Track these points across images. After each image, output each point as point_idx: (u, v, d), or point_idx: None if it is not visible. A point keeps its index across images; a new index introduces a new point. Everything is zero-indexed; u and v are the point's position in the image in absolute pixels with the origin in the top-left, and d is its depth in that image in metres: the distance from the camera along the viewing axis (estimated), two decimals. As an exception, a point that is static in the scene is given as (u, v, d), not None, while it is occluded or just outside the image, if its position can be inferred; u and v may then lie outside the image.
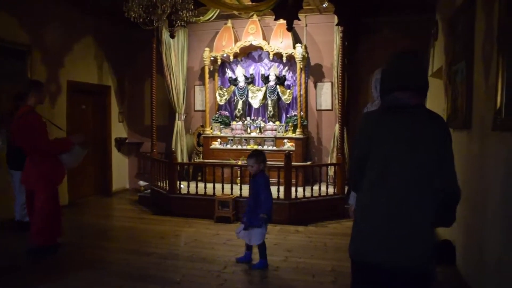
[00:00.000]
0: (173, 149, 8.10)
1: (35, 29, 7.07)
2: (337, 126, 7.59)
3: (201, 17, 7.59)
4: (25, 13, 6.83)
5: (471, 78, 4.00)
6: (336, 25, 7.31)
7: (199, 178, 8.10)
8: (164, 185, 7.45)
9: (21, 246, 5.23)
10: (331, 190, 7.09)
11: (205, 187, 7.00)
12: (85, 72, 8.41)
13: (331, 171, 7.66)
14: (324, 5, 7.67)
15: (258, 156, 4.75)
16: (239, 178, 7.32)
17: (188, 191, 7.11)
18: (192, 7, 5.44)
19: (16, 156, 5.69)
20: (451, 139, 2.06)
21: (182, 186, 7.29)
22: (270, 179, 6.81)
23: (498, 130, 3.04)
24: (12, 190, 6.03)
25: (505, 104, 2.91)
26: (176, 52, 8.50)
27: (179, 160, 8.38)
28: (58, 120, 6.79)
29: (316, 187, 6.90)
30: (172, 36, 7.75)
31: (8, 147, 5.96)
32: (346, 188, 7.42)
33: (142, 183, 9.00)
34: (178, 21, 5.78)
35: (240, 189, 6.79)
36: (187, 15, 5.46)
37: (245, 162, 7.54)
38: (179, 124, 8.68)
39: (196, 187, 7.08)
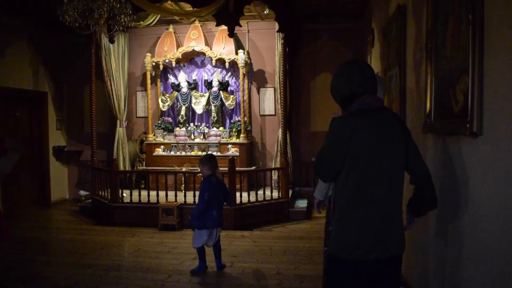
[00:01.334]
0: (114, 157, 7.90)
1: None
2: (280, 131, 7.70)
3: (141, 22, 7.45)
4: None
5: (404, 83, 4.19)
6: (277, 31, 7.42)
7: (143, 185, 7.91)
8: (106, 194, 7.22)
9: None
10: (275, 194, 7.16)
11: (149, 195, 6.86)
12: (19, 77, 7.99)
13: (275, 175, 7.74)
14: (265, 12, 7.77)
15: (205, 160, 4.75)
16: (183, 185, 7.23)
17: (131, 200, 6.94)
18: (131, 12, 5.31)
19: None
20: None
21: (124, 194, 7.10)
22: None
23: (428, 132, 3.20)
24: None
25: (434, 108, 3.07)
26: (116, 57, 8.29)
27: (121, 168, 8.17)
28: (-11, 129, 6.43)
29: (260, 192, 6.96)
30: (111, 41, 7.55)
31: None
32: (291, 192, 7.54)
33: (82, 192, 8.68)
34: (117, 26, 5.63)
35: (185, 196, 6.71)
36: (126, 20, 5.32)
37: (189, 168, 7.51)
38: (120, 131, 8.46)
39: (139, 195, 6.92)
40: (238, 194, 6.68)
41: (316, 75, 8.52)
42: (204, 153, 7.91)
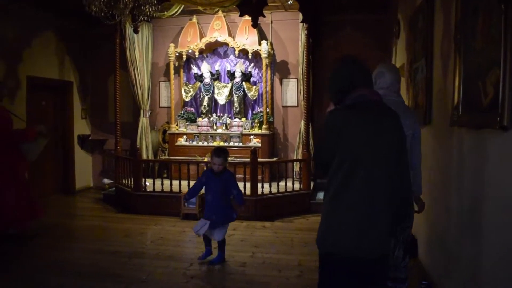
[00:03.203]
0: (137, 146, 7.98)
1: (-9, 22, 6.80)
2: (302, 123, 7.66)
3: (165, 12, 7.49)
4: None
5: (430, 75, 4.11)
6: (301, 22, 7.36)
7: (165, 175, 8.00)
8: (129, 182, 7.33)
9: None
10: (297, 186, 7.16)
11: (171, 184, 6.93)
12: (45, 67, 8.15)
13: (297, 167, 7.73)
14: (289, 2, 7.72)
15: (226, 153, 4.80)
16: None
17: (154, 189, 7.02)
18: (156, 2, 5.34)
19: None
20: None
21: (147, 183, 7.19)
22: (237, 175, 6.87)
23: (455, 125, 3.14)
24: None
25: (462, 101, 3.01)
26: (140, 47, 8.37)
27: (144, 157, 8.26)
28: (17, 117, 6.58)
29: (282, 183, 6.95)
30: (135, 31, 7.61)
31: None
32: (312, 184, 7.52)
33: (106, 181, 8.82)
34: (141, 16, 5.68)
35: (207, 186, 6.75)
36: (150, 10, 5.37)
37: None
38: (144, 121, 8.56)
39: (162, 184, 7.00)
40: (260, 184, 6.69)
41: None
42: (226, 144, 7.97)
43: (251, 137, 8.05)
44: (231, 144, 8.01)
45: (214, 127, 8.35)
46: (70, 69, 8.88)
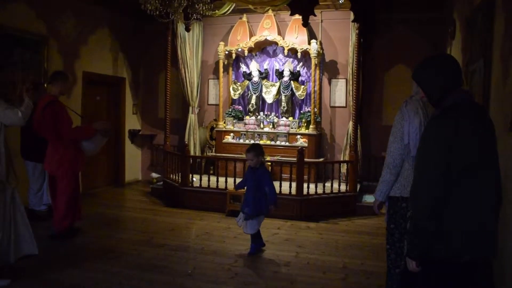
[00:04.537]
0: (186, 142, 8.13)
1: (51, 20, 7.14)
2: (350, 124, 7.56)
3: (216, 11, 7.58)
4: (42, 4, 6.89)
5: (488, 78, 3.95)
6: (352, 21, 7.25)
7: (211, 171, 8.12)
8: (177, 177, 7.49)
9: (34, 234, 5.36)
10: (343, 187, 7.06)
11: (217, 181, 7.02)
12: (100, 63, 8.47)
13: (343, 168, 7.62)
14: (340, 1, 7.61)
15: (256, 148, 4.90)
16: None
17: (200, 184, 7.13)
18: (209, 1, 5.43)
19: (29, 147, 5.82)
20: None
21: (194, 179, 7.32)
22: (283, 175, 6.87)
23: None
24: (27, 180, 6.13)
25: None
26: (190, 45, 8.52)
27: (192, 153, 8.40)
28: (73, 110, 6.88)
29: (328, 184, 6.88)
30: (187, 29, 7.76)
31: (22, 138, 6.01)
32: (359, 186, 7.41)
33: (154, 175, 9.05)
34: (194, 15, 5.78)
35: (252, 184, 6.79)
36: (203, 8, 5.46)
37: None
38: (192, 118, 8.71)
39: (208, 180, 7.10)
40: (305, 185, 6.66)
41: (390, 67, 8.25)
42: (272, 142, 7.99)
43: (298, 136, 8.02)
44: (278, 143, 8.01)
45: (261, 126, 8.38)
46: (123, 66, 9.18)
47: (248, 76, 8.65)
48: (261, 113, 8.57)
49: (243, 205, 4.96)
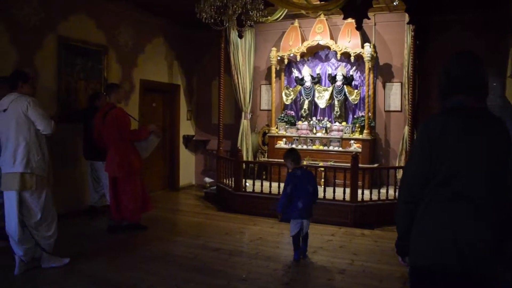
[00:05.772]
0: (238, 147, 8.21)
1: (110, 30, 7.49)
2: (406, 128, 7.35)
3: (269, 17, 7.62)
4: (101, 15, 7.24)
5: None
6: (407, 23, 7.07)
7: (264, 177, 8.15)
8: (230, 182, 7.58)
9: (92, 232, 5.87)
10: (398, 193, 6.85)
11: (270, 186, 7.04)
12: (156, 71, 8.76)
13: (399, 174, 7.42)
14: (394, 3, 7.45)
15: (289, 156, 5.07)
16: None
17: (253, 189, 7.18)
18: (262, 7, 5.48)
19: (91, 148, 6.21)
20: None
21: (247, 184, 7.37)
22: (336, 180, 6.79)
23: None
24: (88, 178, 6.69)
25: None
26: (243, 51, 8.61)
27: (244, 158, 8.47)
28: (131, 117, 7.20)
29: (383, 190, 6.73)
30: (240, 36, 7.86)
31: (84, 140, 6.49)
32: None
33: (207, 179, 9.21)
34: (247, 21, 5.85)
35: (305, 189, 6.76)
36: (257, 15, 5.51)
37: (310, 162, 7.54)
38: (245, 123, 8.79)
39: (261, 185, 7.14)
40: (360, 191, 6.54)
41: (447, 70, 7.94)
42: (325, 148, 7.92)
43: (352, 141, 7.89)
44: (331, 148, 7.93)
45: (314, 131, 8.32)
46: (178, 73, 9.43)
47: (300, 81, 8.63)
48: (314, 118, 8.51)
49: (292, 213, 4.91)
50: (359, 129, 8.03)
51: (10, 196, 4.11)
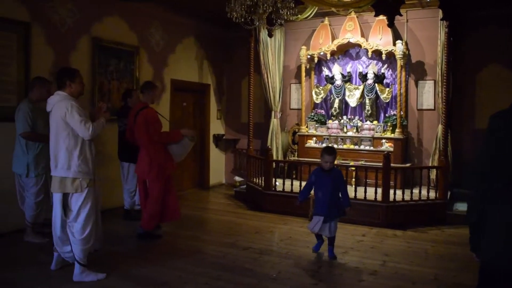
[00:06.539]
0: (268, 146, 8.21)
1: (142, 31, 7.62)
2: (440, 127, 7.18)
3: (299, 16, 7.58)
4: (133, 16, 7.37)
5: None
6: (441, 19, 6.91)
7: (294, 176, 8.10)
8: (260, 181, 7.58)
9: (127, 232, 5.82)
10: (432, 194, 6.71)
11: (300, 185, 6.97)
12: (187, 71, 8.85)
13: (432, 174, 7.25)
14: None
15: (335, 153, 5.07)
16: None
17: (283, 189, 7.17)
18: (293, 5, 5.45)
19: (125, 149, 6.23)
20: None
21: (277, 183, 7.36)
22: (368, 180, 6.71)
23: None
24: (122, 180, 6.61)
25: None
26: (273, 50, 8.60)
27: (274, 157, 8.45)
28: (163, 116, 7.27)
29: (416, 191, 6.61)
30: (270, 35, 7.86)
31: (119, 141, 6.47)
32: (449, 194, 7.02)
33: (237, 178, 9.25)
34: (278, 20, 5.83)
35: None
36: (287, 13, 5.48)
37: (341, 161, 7.46)
38: (274, 122, 8.78)
39: (291, 185, 7.11)
40: (392, 191, 6.44)
41: (483, 67, 7.72)
42: (356, 147, 7.83)
43: (383, 141, 7.77)
44: (362, 147, 7.83)
45: (344, 130, 8.23)
46: (208, 73, 9.51)
47: (330, 79, 8.55)
48: (344, 117, 8.42)
49: (319, 208, 4.97)
50: (390, 128, 7.90)
51: (55, 197, 4.23)
